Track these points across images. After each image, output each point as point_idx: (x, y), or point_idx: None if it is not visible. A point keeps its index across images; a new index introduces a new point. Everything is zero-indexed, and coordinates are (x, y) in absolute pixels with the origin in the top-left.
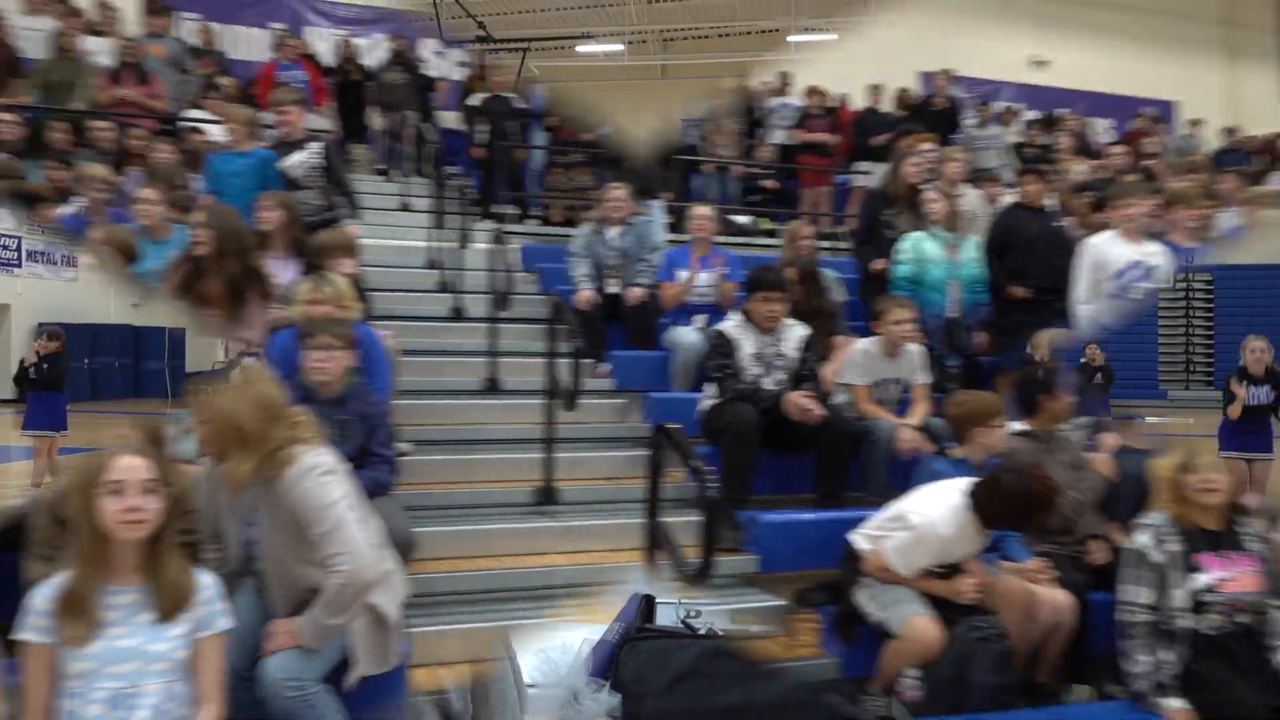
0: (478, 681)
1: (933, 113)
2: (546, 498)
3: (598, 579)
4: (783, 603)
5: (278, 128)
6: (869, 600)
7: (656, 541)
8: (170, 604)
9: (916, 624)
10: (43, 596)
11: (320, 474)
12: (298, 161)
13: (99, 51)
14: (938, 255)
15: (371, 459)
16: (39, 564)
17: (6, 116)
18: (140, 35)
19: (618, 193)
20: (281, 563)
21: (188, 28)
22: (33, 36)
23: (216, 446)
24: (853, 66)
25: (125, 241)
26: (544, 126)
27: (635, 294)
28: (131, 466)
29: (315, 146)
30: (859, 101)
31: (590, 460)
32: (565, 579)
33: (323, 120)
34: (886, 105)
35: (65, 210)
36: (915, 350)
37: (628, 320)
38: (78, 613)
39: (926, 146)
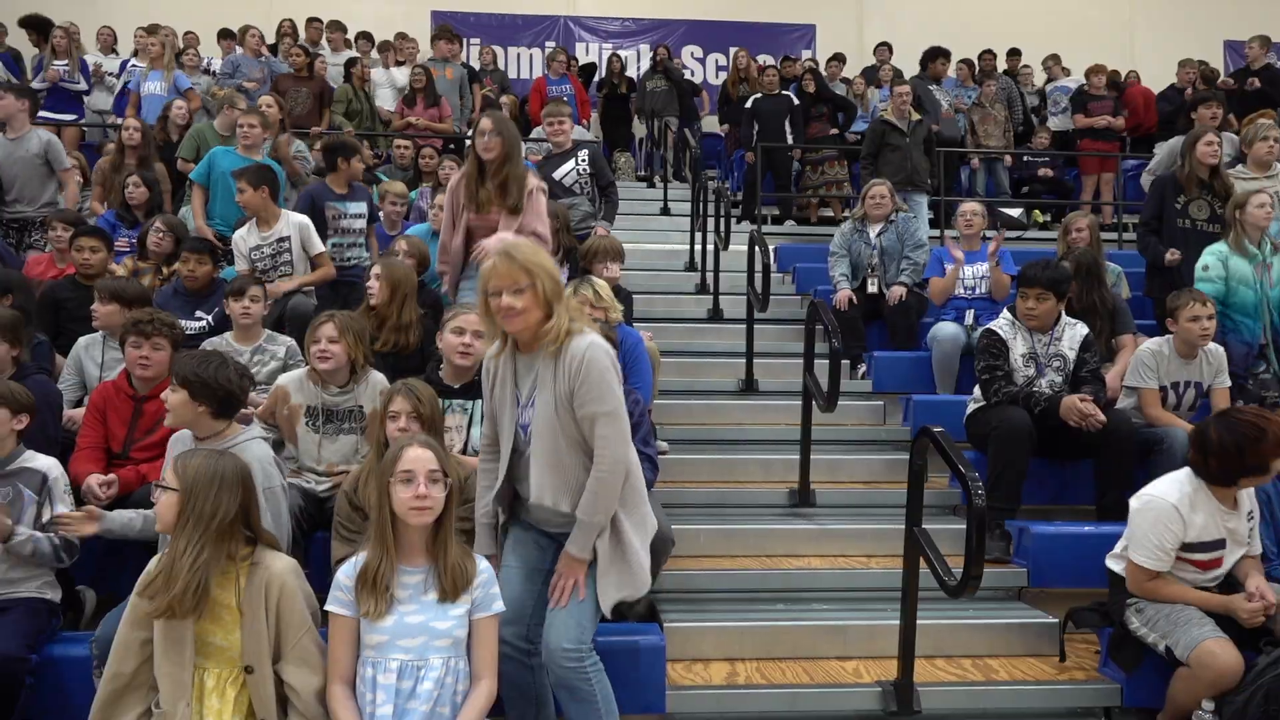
0: None
1: (1246, 88)
2: (802, 499)
3: (855, 584)
4: (1054, 621)
5: (550, 139)
6: (1144, 624)
7: (917, 549)
8: (452, 585)
9: (1208, 649)
10: (345, 574)
11: (606, 357)
12: (567, 169)
13: (396, 79)
14: (1247, 275)
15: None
16: (341, 544)
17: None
18: (432, 60)
19: (880, 189)
20: (551, 451)
21: (473, 52)
22: (337, 70)
23: (542, 302)
24: (1141, 38)
25: (420, 249)
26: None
27: (896, 293)
28: (419, 458)
29: (584, 155)
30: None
31: (848, 463)
32: (822, 583)
33: (586, 133)
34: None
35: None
36: (1215, 351)
37: (888, 320)
38: (374, 589)
39: (1265, 122)
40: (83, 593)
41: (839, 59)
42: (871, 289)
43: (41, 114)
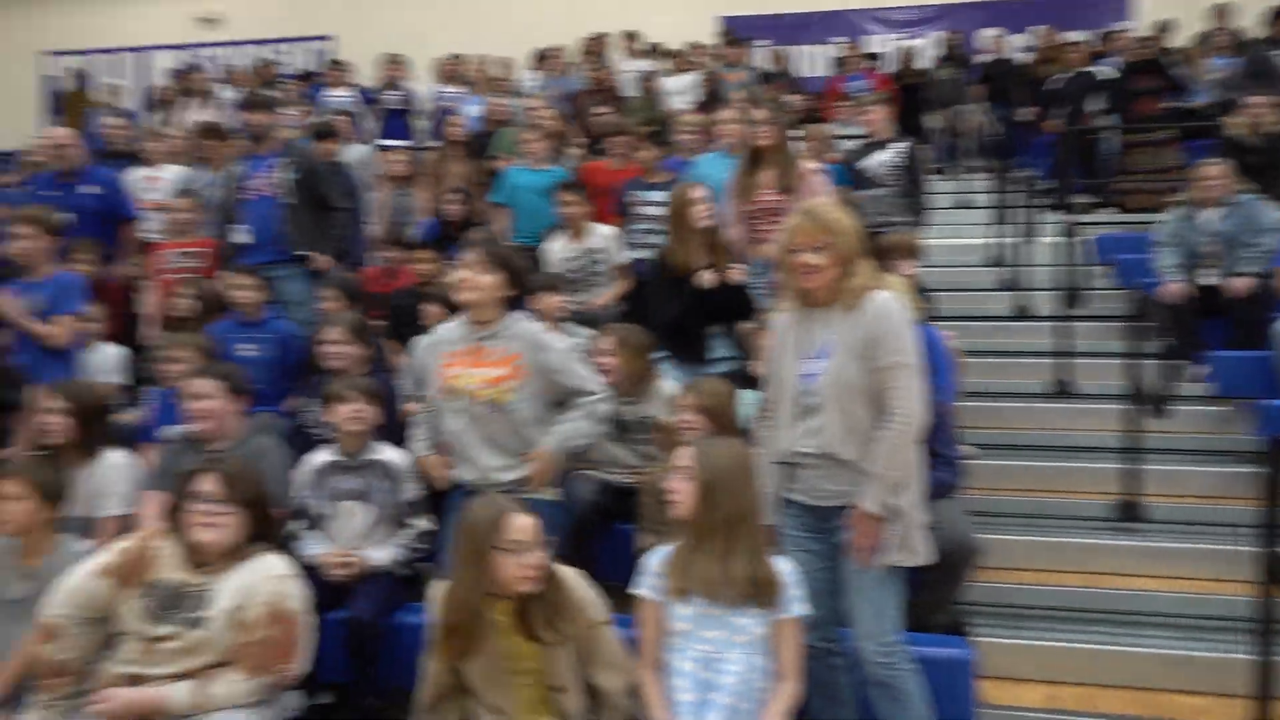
0: None
1: None
2: (1129, 513)
3: (1195, 611)
4: None
5: (864, 126)
6: None
7: (1275, 575)
8: (729, 581)
9: None
10: (654, 560)
11: (905, 313)
12: (879, 161)
13: (683, 88)
14: None
15: (934, 459)
16: (649, 535)
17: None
18: (719, 66)
19: (1214, 170)
20: (841, 400)
21: (760, 55)
22: (631, 78)
23: (841, 260)
24: None
25: None
26: (1114, 101)
27: (1240, 284)
28: (680, 455)
29: (900, 147)
30: None
31: (1183, 475)
32: (1155, 606)
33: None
34: None
35: None
36: None
37: (1231, 315)
38: (679, 571)
39: None
40: (425, 568)
41: (1165, 27)
42: (1208, 280)
43: (377, 141)
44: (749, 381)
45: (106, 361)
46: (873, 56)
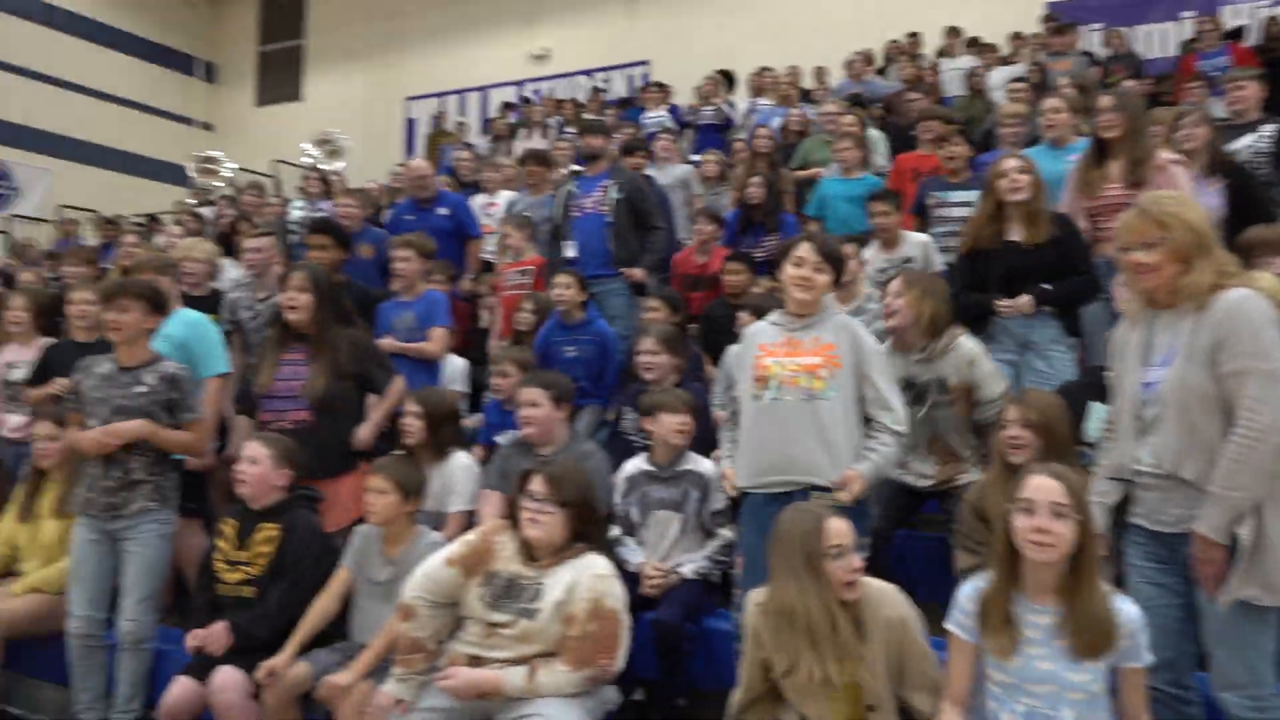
0: None
1: None
2: None
3: None
4: None
5: (1228, 106)
6: None
7: None
8: (1086, 645)
9: None
10: (967, 595)
11: (1268, 310)
12: (1244, 145)
13: (1007, 81)
14: None
15: None
16: (966, 556)
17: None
18: (1045, 55)
19: None
20: (1184, 411)
21: (1094, 39)
22: (954, 77)
23: (1178, 256)
24: None
25: None
26: None
27: None
28: (1042, 487)
29: (1270, 129)
30: None
31: None
32: None
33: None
34: None
35: None
36: None
37: None
38: (996, 623)
39: None
40: (734, 575)
41: None
42: None
43: (692, 158)
44: (1103, 393)
45: (454, 371)
46: (1236, 33)
